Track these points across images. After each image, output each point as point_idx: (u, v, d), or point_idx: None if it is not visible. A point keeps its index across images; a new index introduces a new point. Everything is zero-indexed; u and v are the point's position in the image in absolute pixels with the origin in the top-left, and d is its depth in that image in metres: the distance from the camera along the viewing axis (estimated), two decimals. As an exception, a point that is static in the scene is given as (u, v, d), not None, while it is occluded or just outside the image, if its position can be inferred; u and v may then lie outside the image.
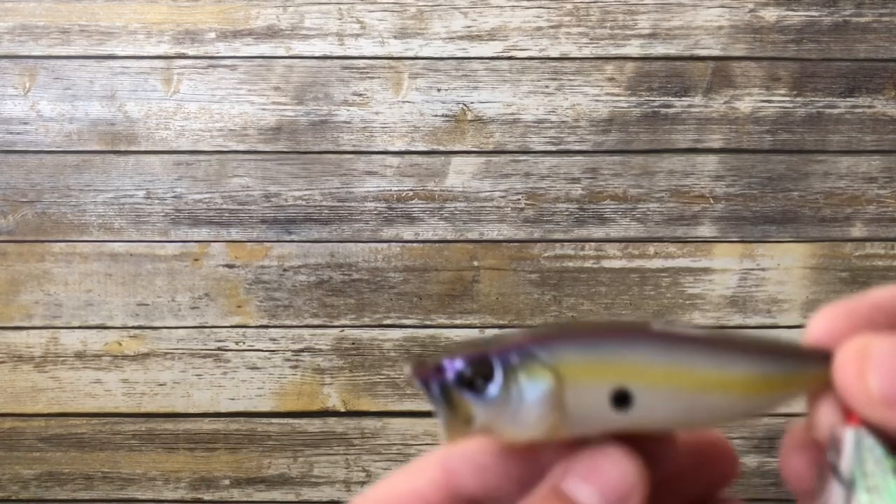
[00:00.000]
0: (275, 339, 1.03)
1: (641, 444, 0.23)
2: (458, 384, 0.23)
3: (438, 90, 1.02)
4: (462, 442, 0.23)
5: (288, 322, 1.03)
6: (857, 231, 1.03)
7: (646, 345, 0.23)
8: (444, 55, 1.01)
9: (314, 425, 1.03)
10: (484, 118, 1.02)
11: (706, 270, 1.03)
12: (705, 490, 0.25)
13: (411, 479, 0.25)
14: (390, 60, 1.02)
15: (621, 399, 0.23)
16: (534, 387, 0.23)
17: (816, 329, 0.24)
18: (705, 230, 1.03)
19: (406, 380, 0.24)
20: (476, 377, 0.23)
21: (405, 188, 1.02)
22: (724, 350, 0.24)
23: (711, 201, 1.02)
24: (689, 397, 0.23)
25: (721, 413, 0.24)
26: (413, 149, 1.02)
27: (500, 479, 0.23)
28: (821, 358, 0.24)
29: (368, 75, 1.02)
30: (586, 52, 1.02)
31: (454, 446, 0.24)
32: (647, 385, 0.23)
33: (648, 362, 0.23)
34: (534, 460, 0.24)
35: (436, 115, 1.02)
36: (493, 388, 0.23)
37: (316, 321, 1.03)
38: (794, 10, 1.02)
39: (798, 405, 0.25)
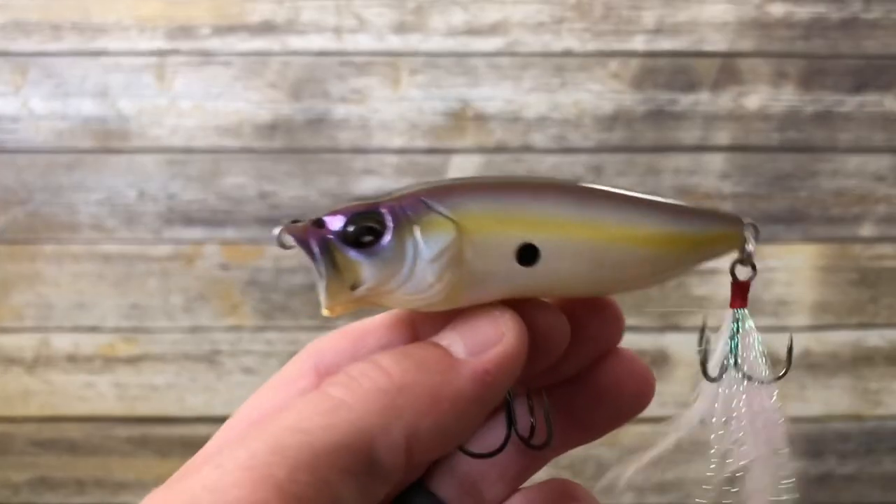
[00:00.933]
0: (270, 342, 1.02)
1: (528, 315, 0.22)
2: (342, 241, 0.21)
3: (438, 87, 1.00)
4: (345, 311, 0.21)
5: (283, 324, 1.02)
6: (867, 231, 1.02)
7: (554, 198, 0.22)
8: (444, 51, 1.00)
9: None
10: (485, 115, 1.00)
11: (713, 271, 1.01)
12: (598, 350, 0.25)
13: (286, 392, 0.23)
14: (389, 56, 1.00)
15: (526, 254, 0.21)
16: (431, 241, 0.20)
17: None
18: (711, 230, 1.02)
19: (278, 242, 0.21)
20: (363, 233, 0.21)
21: (404, 187, 1.01)
22: (635, 206, 0.22)
23: (718, 200, 1.01)
24: (596, 252, 0.22)
25: (627, 272, 0.22)
26: (412, 147, 1.01)
27: None
28: (732, 221, 0.24)
29: (366, 71, 1.01)
30: (590, 47, 1.01)
31: (334, 316, 0.21)
32: (553, 238, 0.21)
33: (556, 215, 0.21)
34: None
35: (435, 113, 1.00)
36: (385, 244, 0.20)
37: (312, 323, 1.01)
38: (801, 6, 1.01)
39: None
